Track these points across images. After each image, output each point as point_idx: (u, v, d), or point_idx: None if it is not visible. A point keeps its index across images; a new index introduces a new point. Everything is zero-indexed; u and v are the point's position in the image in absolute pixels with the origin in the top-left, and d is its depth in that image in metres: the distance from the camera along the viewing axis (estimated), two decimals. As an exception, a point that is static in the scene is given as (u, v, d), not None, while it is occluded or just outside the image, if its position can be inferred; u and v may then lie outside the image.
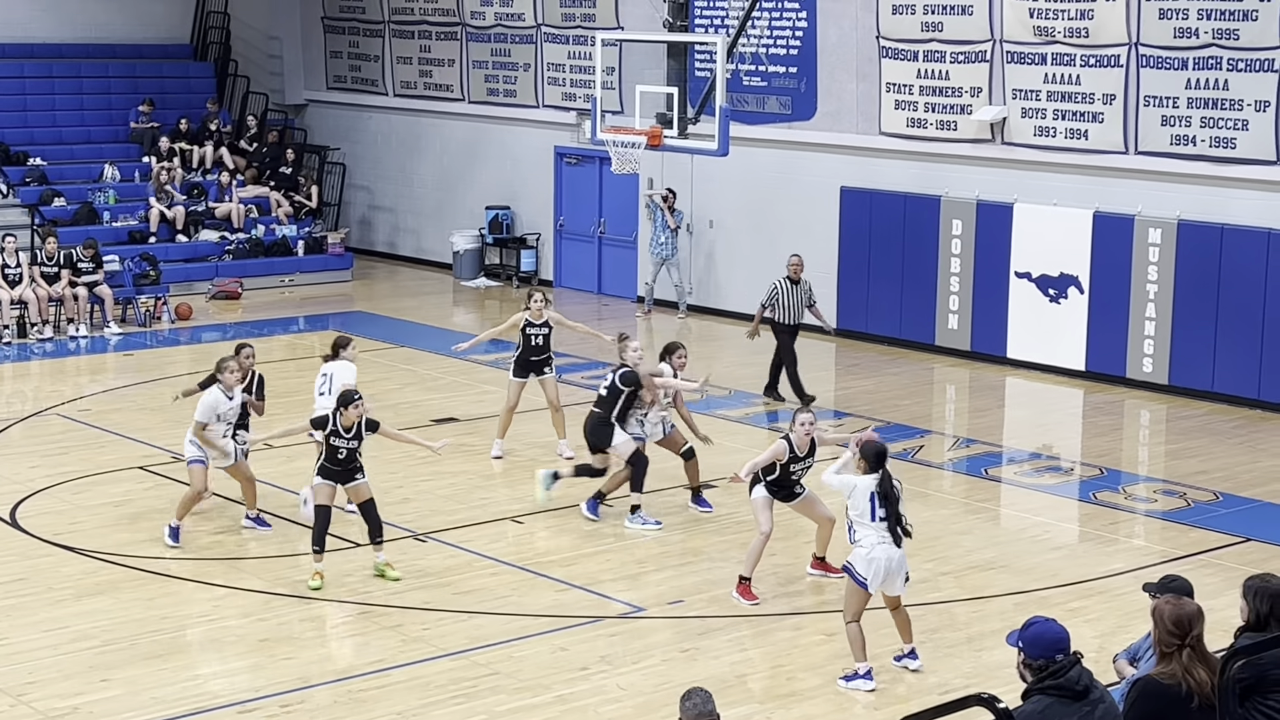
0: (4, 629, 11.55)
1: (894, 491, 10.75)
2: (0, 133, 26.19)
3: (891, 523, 10.70)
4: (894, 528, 10.70)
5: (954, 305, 21.30)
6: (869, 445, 10.93)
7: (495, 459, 16.30)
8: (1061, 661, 6.72)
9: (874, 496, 10.71)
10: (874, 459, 10.80)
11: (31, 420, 17.71)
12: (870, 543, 10.71)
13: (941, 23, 21.05)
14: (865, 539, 10.73)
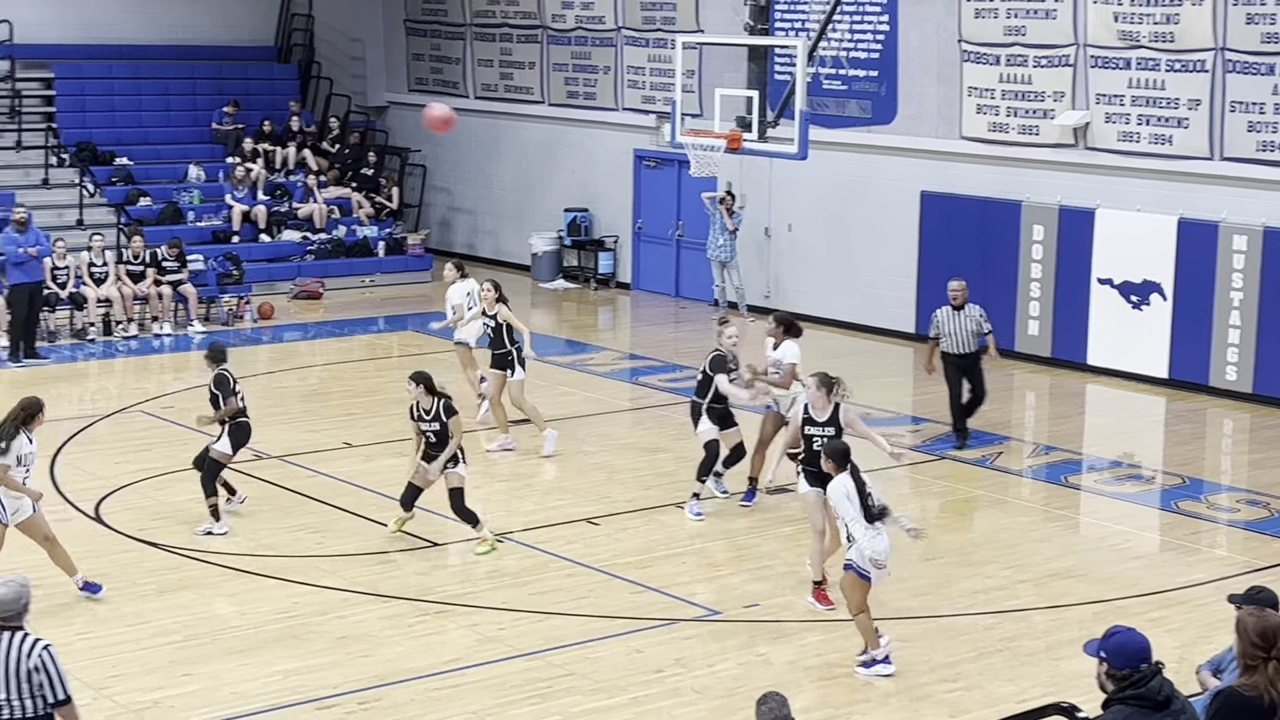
0: (87, 623, 11.70)
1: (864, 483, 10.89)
2: (88, 133, 26.56)
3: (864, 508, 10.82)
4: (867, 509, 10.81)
5: (1034, 311, 21.15)
6: (835, 446, 11.19)
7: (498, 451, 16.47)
8: (1144, 671, 6.65)
9: (855, 494, 10.88)
10: (841, 458, 11.00)
11: (116, 417, 17.94)
12: (864, 535, 10.85)
13: (1024, 26, 20.90)
14: (858, 533, 10.86)
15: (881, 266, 22.83)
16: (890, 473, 16.23)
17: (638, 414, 18.81)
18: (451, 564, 13.24)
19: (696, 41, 22.88)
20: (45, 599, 11.77)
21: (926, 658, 11.38)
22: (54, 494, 14.95)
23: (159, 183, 26.34)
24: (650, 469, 16.07)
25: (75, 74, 27.07)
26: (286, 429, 17.40)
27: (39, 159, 25.54)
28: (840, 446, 11.23)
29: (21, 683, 7.72)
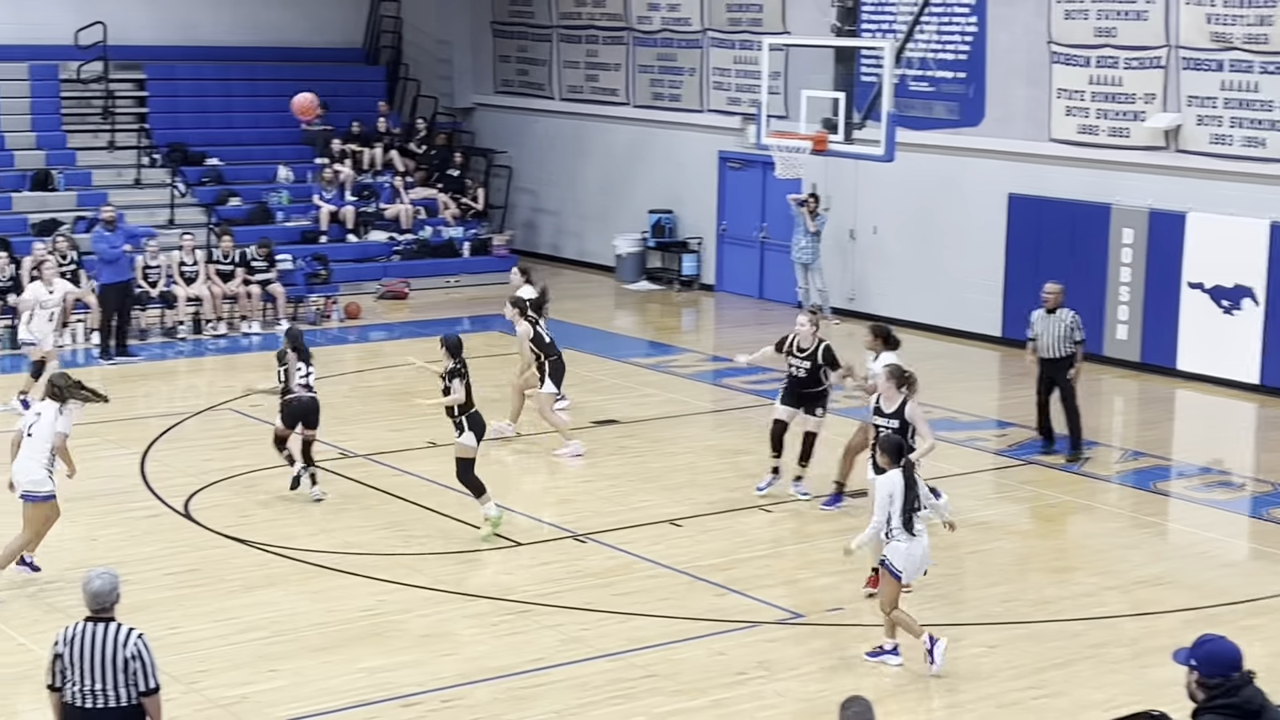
0: (176, 618, 11.83)
1: (914, 484, 10.92)
2: (179, 134, 26.89)
3: (908, 515, 10.86)
4: (909, 518, 10.85)
5: (1123, 315, 20.92)
6: (889, 440, 11.24)
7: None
8: (1235, 680, 6.57)
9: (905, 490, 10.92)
10: (895, 452, 11.03)
11: (205, 415, 18.15)
12: (904, 537, 10.92)
13: (1115, 28, 20.69)
14: (900, 535, 10.92)
15: (967, 270, 22.68)
16: (976, 477, 16.13)
17: (720, 416, 18.80)
18: (535, 564, 13.27)
19: (783, 43, 22.80)
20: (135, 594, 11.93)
21: (1013, 664, 11.28)
22: (144, 490, 15.15)
23: (249, 183, 26.62)
24: (733, 471, 16.05)
25: (167, 75, 27.41)
26: (372, 428, 17.53)
27: (131, 159, 25.90)
28: (895, 441, 11.28)
29: (118, 672, 7.84)
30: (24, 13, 26.47)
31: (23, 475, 12.25)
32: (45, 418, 12.28)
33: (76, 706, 7.89)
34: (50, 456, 12.24)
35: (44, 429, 12.23)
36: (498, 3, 29.85)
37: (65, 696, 7.92)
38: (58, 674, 7.94)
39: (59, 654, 7.92)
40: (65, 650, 7.89)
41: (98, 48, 26.23)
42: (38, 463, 12.20)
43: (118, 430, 17.18)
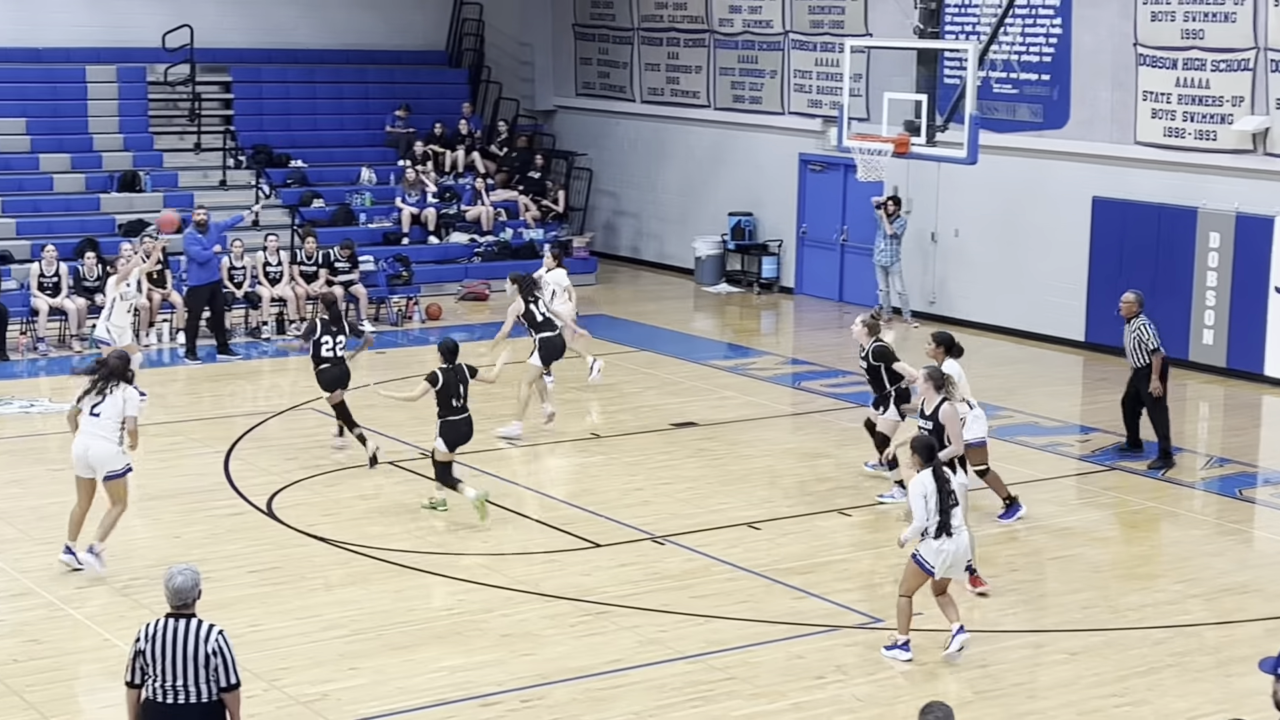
0: (258, 616, 11.95)
1: (948, 476, 11.13)
2: (264, 136, 27.17)
3: (944, 515, 11.00)
4: (946, 518, 11.01)
5: (1209, 320, 20.68)
6: (919, 440, 11.42)
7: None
8: (1321, 691, 6.48)
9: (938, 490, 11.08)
10: (926, 452, 11.21)
11: (288, 414, 18.31)
12: (941, 535, 11.06)
13: (1202, 30, 20.45)
14: (934, 530, 11.06)
15: (1051, 273, 22.49)
16: (1059, 482, 16.00)
17: (799, 419, 18.75)
18: (614, 565, 13.29)
19: (864, 45, 22.73)
20: (217, 591, 12.08)
21: (1095, 672, 11.18)
22: (228, 489, 15.32)
23: (332, 185, 26.85)
24: (812, 474, 16.00)
25: (253, 78, 27.71)
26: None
27: (217, 161, 26.19)
28: (926, 441, 11.44)
29: (200, 668, 7.93)
30: (112, 16, 26.84)
31: (99, 458, 12.51)
32: (114, 399, 12.49)
33: (157, 702, 7.98)
34: (121, 434, 12.55)
35: (114, 409, 12.47)
36: (579, 5, 29.93)
37: (146, 692, 8.01)
38: (137, 670, 8.04)
39: (140, 650, 8.01)
40: (147, 646, 7.99)
41: (184, 51, 26.54)
42: (112, 442, 12.50)
43: (202, 429, 17.39)
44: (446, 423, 14.32)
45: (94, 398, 12.54)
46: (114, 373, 12.61)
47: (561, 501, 14.99)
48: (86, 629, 11.69)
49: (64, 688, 10.70)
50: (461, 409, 14.38)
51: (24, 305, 21.48)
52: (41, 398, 18.68)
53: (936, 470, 11.15)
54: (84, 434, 12.55)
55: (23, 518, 14.27)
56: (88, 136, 25.72)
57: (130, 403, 12.60)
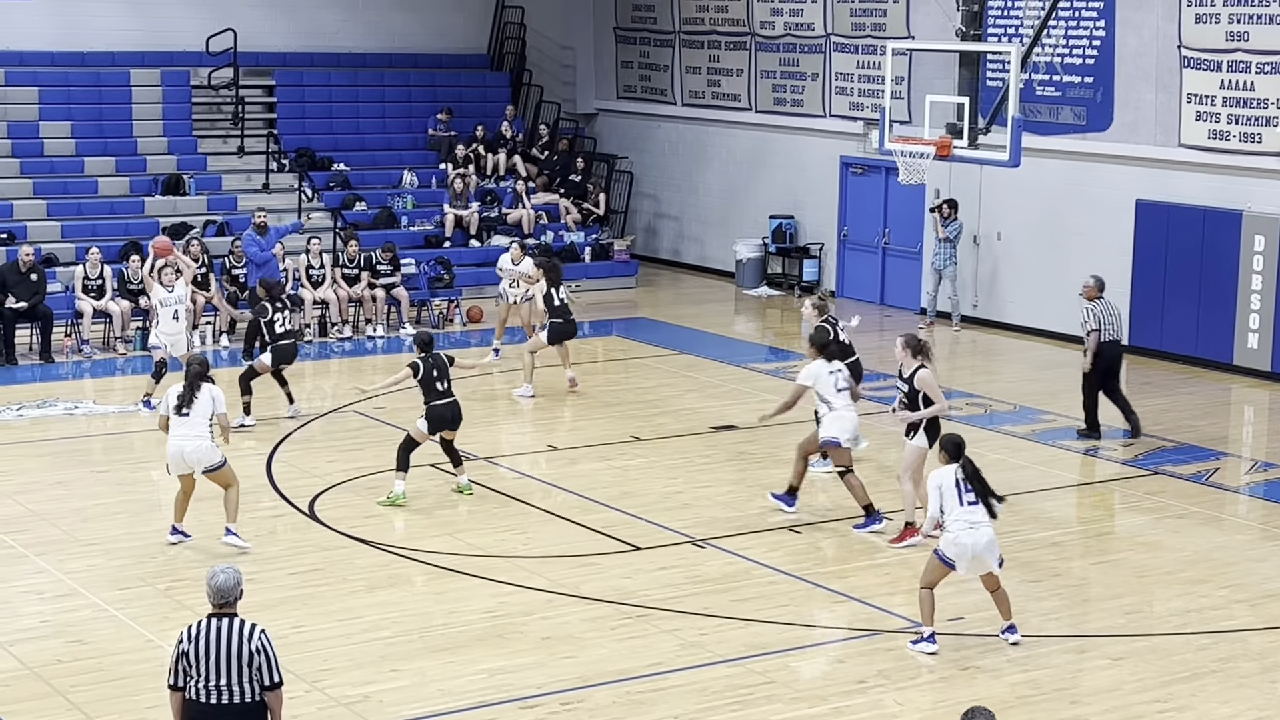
0: (300, 617, 12.00)
1: (978, 471, 11.30)
2: (307, 139, 27.29)
3: (982, 499, 11.24)
4: (987, 502, 11.25)
5: (1254, 324, 20.53)
6: (947, 438, 11.56)
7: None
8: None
9: (959, 483, 11.27)
10: (953, 449, 11.41)
11: (330, 417, 18.39)
12: (958, 529, 11.22)
13: (1247, 32, 20.31)
14: (953, 525, 11.24)
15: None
16: (1102, 486, 15.91)
17: (842, 422, 18.67)
18: (654, 568, 13.29)
19: (907, 48, 22.65)
20: (259, 593, 12.14)
21: (1138, 677, 11.12)
22: (270, 490, 15.39)
23: (374, 188, 26.94)
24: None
25: (296, 81, 27.84)
26: (493, 431, 17.67)
27: (260, 164, 26.32)
28: (954, 440, 11.56)
29: (243, 667, 7.97)
30: (157, 20, 27.01)
31: (195, 456, 13.32)
32: (202, 398, 13.31)
33: (200, 702, 8.01)
34: (212, 430, 13.36)
35: (203, 408, 13.31)
36: (620, 8, 29.96)
37: (188, 693, 8.04)
38: (180, 672, 8.07)
39: (184, 651, 8.05)
40: (190, 647, 8.02)
41: (228, 54, 26.70)
42: (204, 439, 13.31)
43: (244, 431, 17.47)
44: (431, 408, 14.91)
45: (182, 399, 13.31)
46: (199, 375, 13.44)
47: (602, 504, 14.99)
48: (130, 630, 11.77)
49: (108, 688, 10.77)
50: (446, 393, 14.96)
51: (69, 308, 21.64)
52: (86, 400, 18.80)
53: (966, 465, 11.31)
54: (176, 436, 13.35)
55: (67, 519, 14.37)
56: (132, 140, 25.89)
57: (218, 400, 13.43)
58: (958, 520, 11.24)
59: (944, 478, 11.37)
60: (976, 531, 11.24)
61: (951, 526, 11.26)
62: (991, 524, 11.34)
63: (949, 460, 11.43)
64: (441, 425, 14.99)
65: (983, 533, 11.26)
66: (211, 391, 13.42)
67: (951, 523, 11.26)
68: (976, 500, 11.27)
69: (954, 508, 11.27)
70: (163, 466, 16.29)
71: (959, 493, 11.27)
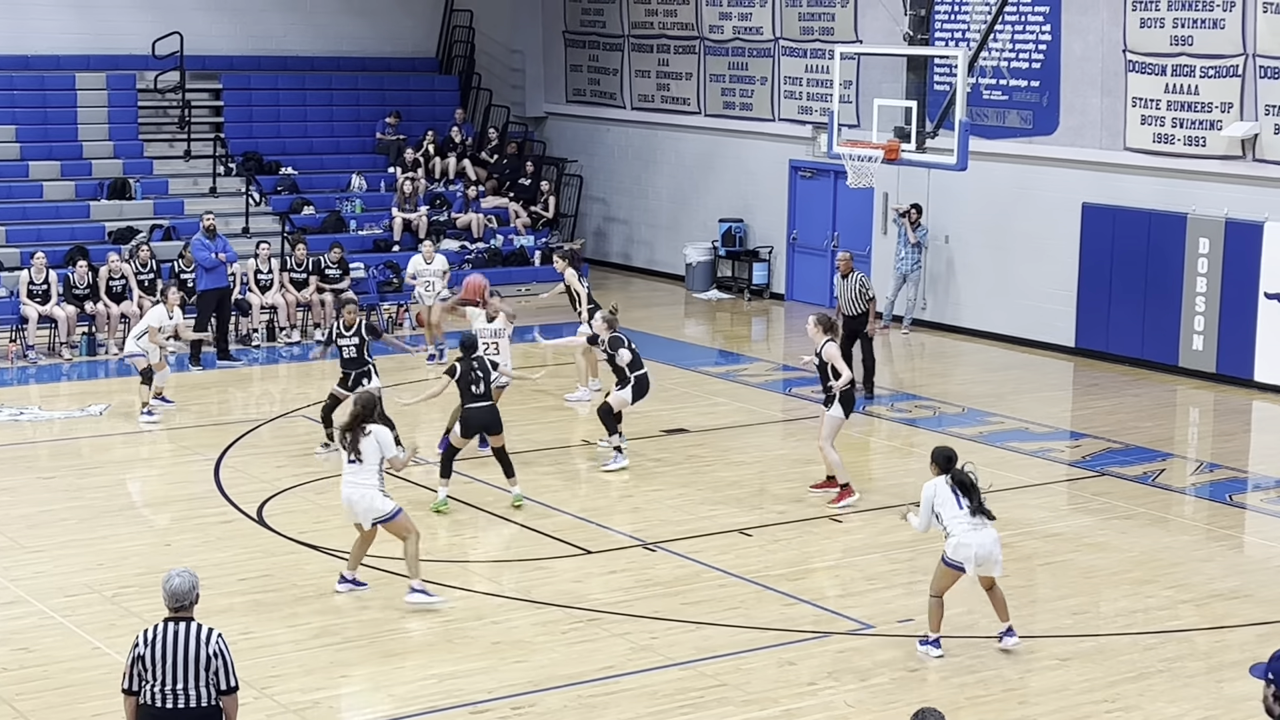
0: (249, 623, 11.93)
1: (969, 478, 11.34)
2: (254, 143, 27.15)
3: (977, 506, 11.26)
4: (982, 507, 11.28)
5: (1199, 326, 20.71)
6: (938, 450, 11.63)
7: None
8: (1312, 696, 6.50)
9: (953, 489, 11.30)
10: (944, 462, 11.44)
11: (279, 422, 18.30)
12: (960, 531, 11.22)
13: (1191, 36, 20.50)
14: (954, 529, 11.24)
15: (1041, 279, 22.52)
16: (1049, 488, 16.02)
17: (790, 425, 18.76)
18: (604, 572, 13.29)
19: (855, 52, 22.75)
20: (208, 599, 12.04)
21: (1085, 678, 11.20)
22: (218, 496, 15.30)
23: (322, 192, 26.83)
24: (803, 480, 15.99)
25: (243, 85, 27.69)
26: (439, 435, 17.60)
27: (207, 168, 26.16)
28: (945, 453, 11.56)
29: (200, 670, 7.92)
30: (102, 23, 26.82)
31: (362, 509, 12.19)
32: (368, 442, 12.12)
33: (155, 706, 7.96)
34: (381, 478, 12.19)
35: (371, 453, 12.12)
36: (570, 12, 29.95)
37: (143, 697, 7.99)
38: (135, 676, 8.02)
39: (139, 655, 8.00)
40: (146, 650, 7.97)
41: (174, 58, 26.53)
42: (371, 487, 12.14)
43: (192, 437, 17.37)
44: (466, 409, 14.66)
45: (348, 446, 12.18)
46: (360, 415, 12.24)
47: (552, 508, 14.99)
48: (77, 637, 11.67)
49: (54, 696, 10.67)
50: (484, 396, 14.67)
51: (13, 313, 21.47)
52: (32, 405, 18.66)
53: (955, 478, 11.30)
54: (344, 483, 12.25)
55: (13, 526, 14.24)
56: (77, 144, 25.69)
57: (385, 444, 12.19)
58: (959, 523, 11.21)
59: (936, 487, 11.35)
60: (980, 532, 11.23)
61: (954, 530, 11.22)
62: (992, 524, 11.34)
63: (939, 472, 11.40)
64: (477, 429, 14.83)
65: (986, 533, 11.25)
66: (378, 434, 12.20)
67: (954, 528, 11.22)
68: (972, 505, 11.25)
69: (954, 513, 11.23)
70: (108, 472, 16.24)
71: (956, 498, 11.26)
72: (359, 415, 12.25)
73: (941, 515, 11.32)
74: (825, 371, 14.85)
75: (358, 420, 12.22)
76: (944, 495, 11.31)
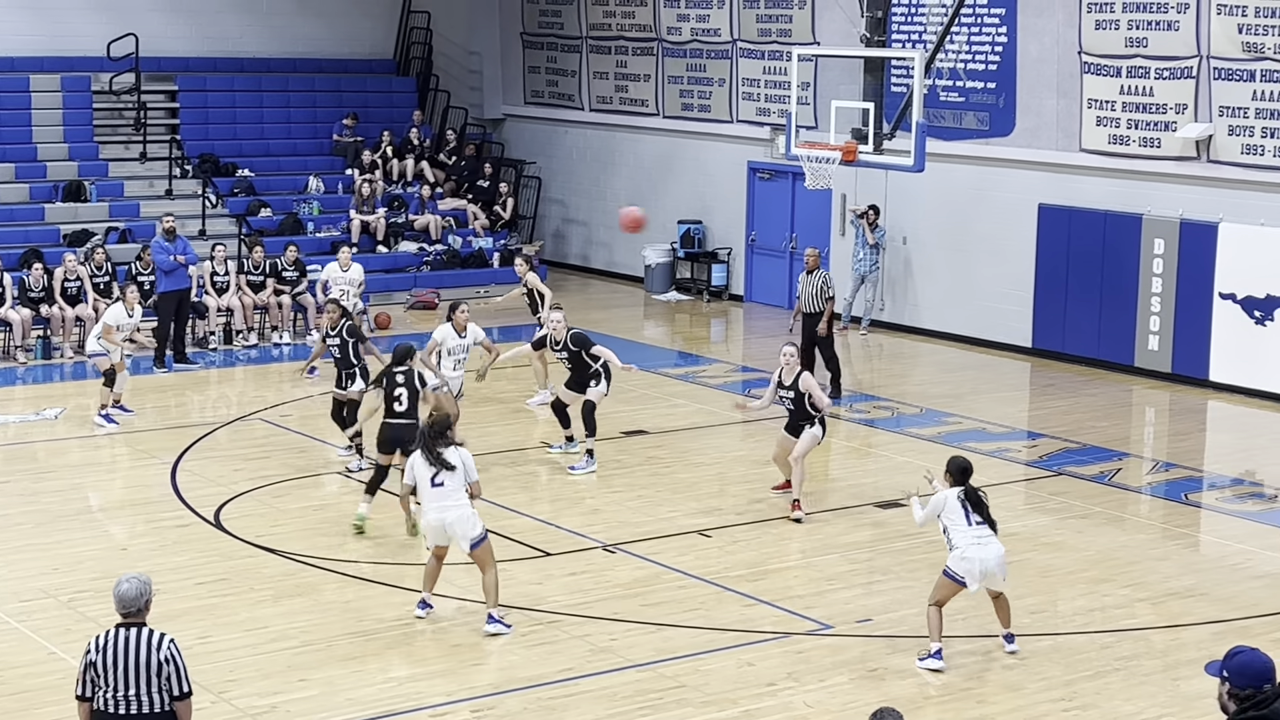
0: (206, 627, 11.87)
1: (982, 497, 11.35)
2: (210, 145, 27.02)
3: (989, 522, 11.27)
4: (992, 523, 11.30)
5: (1154, 326, 20.85)
6: (954, 461, 11.59)
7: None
8: (1268, 692, 6.53)
9: (963, 503, 11.26)
10: (959, 473, 11.43)
11: (236, 425, 18.21)
12: (964, 544, 11.21)
13: (1146, 38, 20.63)
14: (959, 542, 11.23)
15: (998, 280, 22.62)
16: (1007, 488, 16.08)
17: (749, 426, 18.76)
18: (564, 574, 13.28)
19: (812, 54, 22.81)
20: (165, 603, 11.98)
21: (1043, 676, 11.25)
22: (175, 500, 15.21)
23: (279, 194, 26.73)
24: (762, 481, 16.02)
25: (199, 87, 27.57)
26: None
27: (163, 170, 26.02)
28: (961, 464, 11.51)
29: (152, 676, 7.86)
30: (57, 25, 26.64)
31: (458, 528, 11.82)
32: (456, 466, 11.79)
33: (109, 713, 7.91)
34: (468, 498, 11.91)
35: (458, 478, 11.82)
36: (527, 14, 29.92)
37: (97, 704, 7.94)
38: (88, 683, 7.97)
39: (91, 661, 7.94)
40: (98, 657, 7.92)
41: (129, 59, 26.39)
42: (466, 506, 11.84)
43: (149, 440, 17.28)
44: (385, 423, 14.44)
45: (428, 469, 11.80)
46: (433, 437, 11.84)
47: (512, 510, 14.96)
48: (32, 642, 11.58)
49: (9, 702, 10.59)
50: (407, 414, 14.28)
51: (-33, 316, 21.31)
52: (-14, 409, 18.52)
53: (967, 491, 11.29)
54: (434, 508, 11.84)
55: (-33, 531, 14.13)
56: (32, 146, 25.51)
57: (468, 465, 11.87)
58: (964, 537, 11.18)
59: (947, 498, 11.31)
60: (985, 547, 11.18)
61: (959, 543, 11.19)
62: (997, 539, 11.31)
63: (954, 483, 11.37)
64: (392, 445, 14.29)
65: (992, 548, 11.20)
66: (460, 455, 11.88)
67: (959, 540, 11.19)
68: (983, 521, 11.24)
69: (961, 527, 11.20)
70: (64, 476, 16.12)
71: (965, 512, 11.22)
72: (441, 435, 11.84)
73: (948, 528, 11.28)
74: (801, 403, 14.62)
75: (439, 440, 11.82)
76: (953, 508, 11.25)
